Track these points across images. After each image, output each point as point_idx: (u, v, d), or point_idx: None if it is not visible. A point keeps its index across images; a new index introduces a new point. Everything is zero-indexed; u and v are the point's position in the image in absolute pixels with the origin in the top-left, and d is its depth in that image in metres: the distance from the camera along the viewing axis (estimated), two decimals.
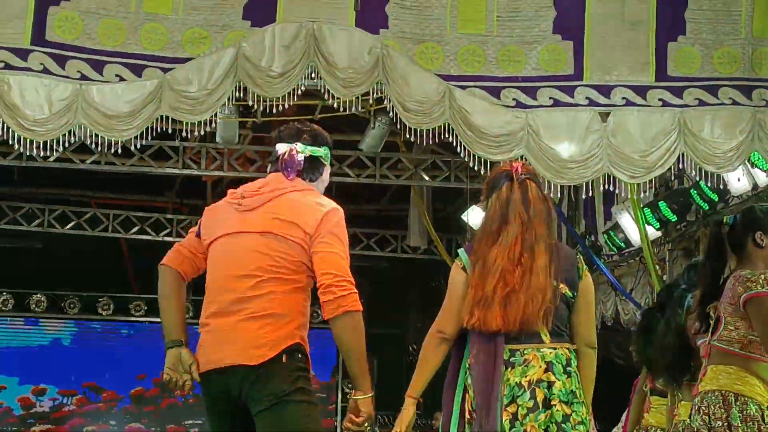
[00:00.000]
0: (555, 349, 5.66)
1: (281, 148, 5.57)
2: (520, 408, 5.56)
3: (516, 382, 5.62)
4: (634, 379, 10.52)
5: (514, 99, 9.98)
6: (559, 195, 12.51)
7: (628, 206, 12.92)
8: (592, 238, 14.69)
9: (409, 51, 9.93)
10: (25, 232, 19.06)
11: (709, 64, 10.09)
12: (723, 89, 10.12)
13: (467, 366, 5.77)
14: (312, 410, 5.42)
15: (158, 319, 6.03)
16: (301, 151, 5.54)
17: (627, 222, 13.26)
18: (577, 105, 10.03)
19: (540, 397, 5.58)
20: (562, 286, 5.68)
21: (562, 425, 5.56)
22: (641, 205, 12.47)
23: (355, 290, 5.32)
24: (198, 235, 5.59)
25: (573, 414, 5.65)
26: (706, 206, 12.23)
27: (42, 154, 10.55)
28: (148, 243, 19.49)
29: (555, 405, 5.58)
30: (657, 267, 13.02)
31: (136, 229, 19.23)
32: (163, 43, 9.72)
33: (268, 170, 5.73)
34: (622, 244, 13.65)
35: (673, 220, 12.61)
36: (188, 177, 17.50)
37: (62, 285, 21.11)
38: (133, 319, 21.25)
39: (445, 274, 18.59)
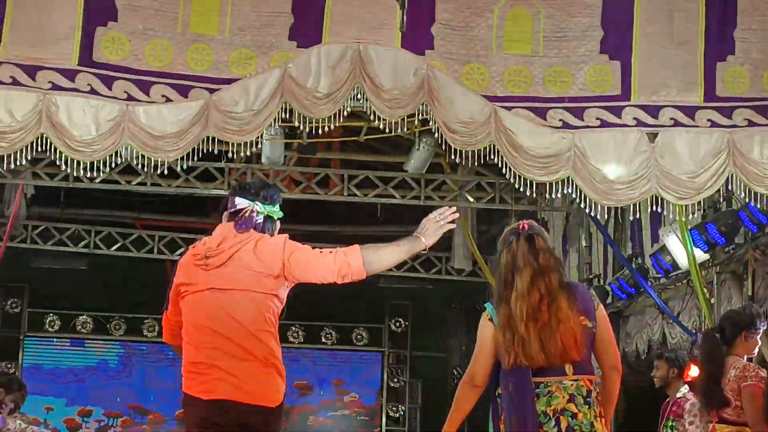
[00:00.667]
0: (576, 381, 6.22)
1: (241, 203, 6.29)
2: None
3: (542, 411, 6.20)
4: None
5: (560, 119, 9.97)
6: (606, 216, 12.45)
7: (675, 228, 12.85)
8: (639, 261, 14.61)
9: (454, 72, 9.94)
10: (71, 254, 19.19)
11: (758, 83, 10.04)
12: None
13: (496, 394, 6.38)
14: None
15: None
16: (261, 211, 6.27)
17: (674, 244, 13.17)
18: (624, 125, 10.01)
19: (564, 425, 6.15)
20: (582, 318, 6.25)
21: None
22: (689, 227, 12.40)
23: (338, 249, 6.11)
24: (166, 308, 6.44)
25: None
26: (755, 229, 12.15)
27: (88, 175, 10.64)
28: None
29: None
30: (705, 290, 12.94)
31: (181, 250, 19.27)
32: (209, 64, 9.78)
33: (224, 219, 6.37)
34: (669, 267, 13.56)
35: (722, 242, 12.52)
36: None
37: (108, 306, 21.22)
38: None
39: (491, 295, 18.50)
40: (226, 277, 6.08)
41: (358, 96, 9.96)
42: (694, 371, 12.50)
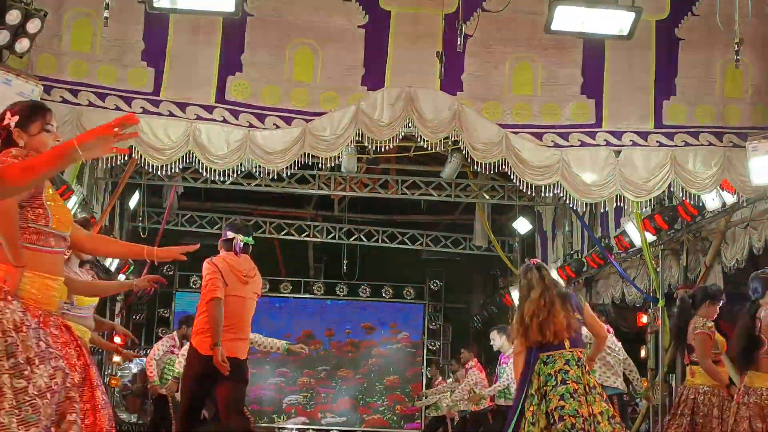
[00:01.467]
0: (572, 352, 7.06)
1: (230, 235, 7.46)
2: (548, 387, 6.95)
3: (548, 373, 7.02)
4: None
5: (552, 141, 9.89)
6: (583, 209, 12.36)
7: (632, 218, 12.75)
8: (606, 241, 14.50)
9: (477, 107, 9.87)
10: (208, 234, 19.28)
11: (692, 116, 9.94)
12: (702, 134, 9.95)
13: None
14: None
15: (300, 296, 6.91)
16: (243, 240, 7.45)
17: (631, 229, 13.07)
18: (597, 145, 9.92)
19: (559, 379, 6.96)
20: (575, 314, 7.21)
21: (573, 394, 6.90)
22: (642, 217, 12.30)
23: None
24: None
25: (579, 388, 7.03)
26: (689, 219, 12.05)
27: (221, 179, 10.65)
28: (293, 241, 19.64)
29: (569, 383, 6.92)
30: (653, 262, 12.86)
31: (284, 231, 19.37)
32: (306, 102, 9.76)
33: (221, 244, 7.51)
34: (628, 245, 13.46)
35: (665, 228, 12.41)
36: (321, 195, 17.57)
37: None
38: (282, 295, 21.33)
39: (500, 266, 18.44)
40: (250, 290, 7.42)
41: (409, 124, 9.91)
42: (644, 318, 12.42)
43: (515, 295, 17.92)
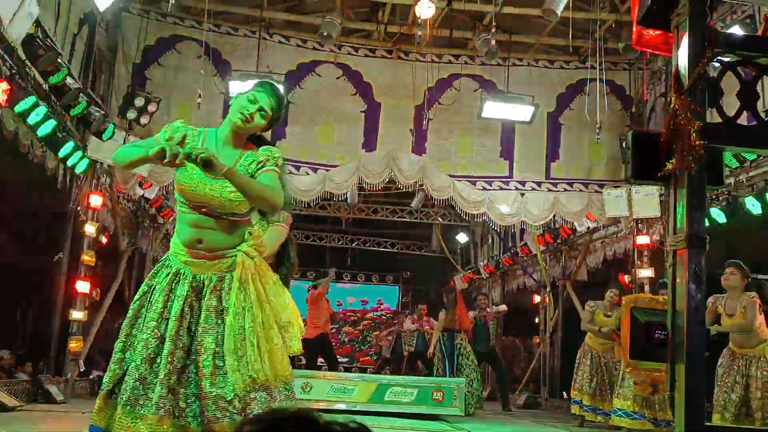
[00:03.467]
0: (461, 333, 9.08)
1: None
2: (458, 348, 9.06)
3: (456, 342, 9.02)
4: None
5: (482, 186, 9.93)
6: (500, 228, 12.40)
7: (530, 236, 12.81)
8: (514, 249, 14.51)
9: (435, 163, 9.91)
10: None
11: (569, 172, 10.02)
12: (575, 184, 10.03)
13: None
14: None
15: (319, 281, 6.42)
16: None
17: (531, 242, 13.12)
18: (510, 189, 9.97)
19: (463, 345, 9.07)
20: (471, 314, 9.33)
21: (468, 354, 9.17)
22: (536, 234, 12.36)
23: None
24: None
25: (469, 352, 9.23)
26: (565, 236, 12.11)
27: (307, 203, 10.55)
28: (316, 246, 19.51)
29: (465, 351, 9.02)
30: (544, 263, 12.91)
31: (310, 239, 19.20)
32: (326, 158, 9.77)
33: None
34: (528, 252, 13.50)
35: (551, 242, 12.47)
36: (334, 217, 17.46)
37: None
38: (307, 280, 21.18)
39: (448, 263, 17.96)
40: None
41: (392, 173, 9.94)
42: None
43: (458, 281, 17.94)
